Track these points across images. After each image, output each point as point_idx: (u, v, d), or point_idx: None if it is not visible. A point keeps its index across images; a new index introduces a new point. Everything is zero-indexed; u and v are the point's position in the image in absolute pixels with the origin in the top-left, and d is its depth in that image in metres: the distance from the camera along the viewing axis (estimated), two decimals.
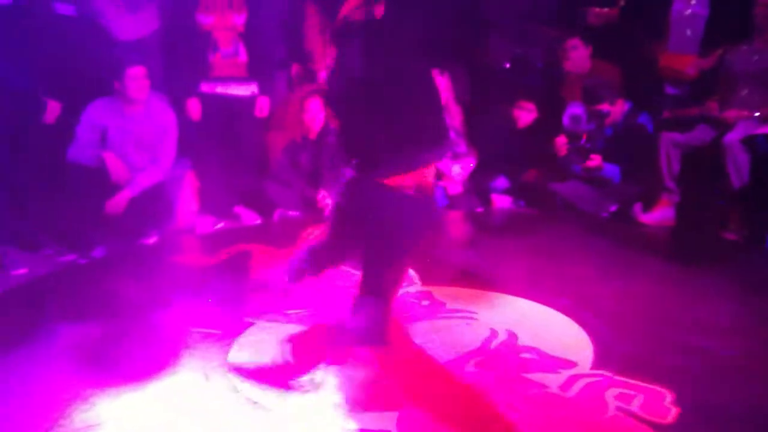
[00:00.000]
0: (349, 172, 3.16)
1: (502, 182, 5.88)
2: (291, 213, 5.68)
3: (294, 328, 3.59)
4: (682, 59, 5.54)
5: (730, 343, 3.38)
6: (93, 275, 4.69)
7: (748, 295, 3.98)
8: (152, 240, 5.18)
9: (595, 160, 5.40)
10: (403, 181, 3.05)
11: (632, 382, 2.96)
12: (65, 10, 5.09)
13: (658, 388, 2.90)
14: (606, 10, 5.90)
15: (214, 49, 5.35)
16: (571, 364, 3.14)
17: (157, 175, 5.13)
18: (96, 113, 5.00)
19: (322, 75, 5.83)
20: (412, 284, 4.16)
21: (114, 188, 4.96)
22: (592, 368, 3.12)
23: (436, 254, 4.91)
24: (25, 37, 4.73)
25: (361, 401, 2.87)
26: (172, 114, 5.24)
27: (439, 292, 4.03)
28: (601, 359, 3.19)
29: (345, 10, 3.09)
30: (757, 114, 4.94)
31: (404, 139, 3.04)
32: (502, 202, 5.83)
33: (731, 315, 3.74)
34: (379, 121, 3.03)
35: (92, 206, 4.91)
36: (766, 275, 4.37)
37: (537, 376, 3.03)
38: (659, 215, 5.25)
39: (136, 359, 3.30)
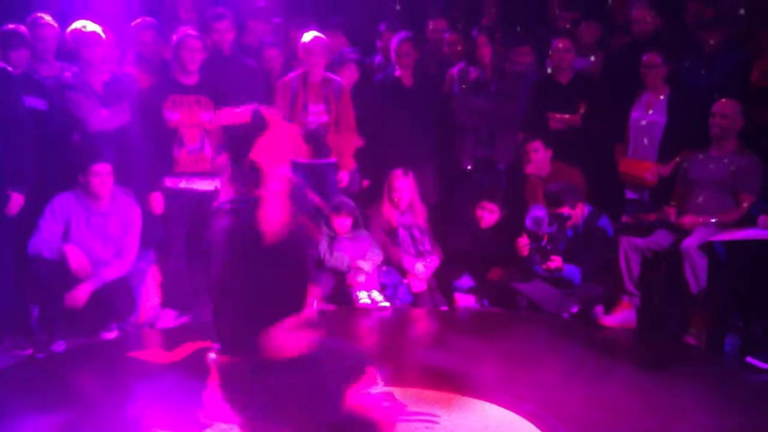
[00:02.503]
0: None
1: (466, 281, 5.91)
2: None
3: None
4: (641, 165, 5.69)
5: None
6: (52, 370, 4.63)
7: (711, 402, 4.01)
8: (113, 334, 5.11)
9: (555, 261, 5.46)
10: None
11: None
12: (35, 103, 5.12)
13: None
14: (567, 116, 6.06)
15: (180, 145, 5.39)
16: None
17: (121, 268, 5.09)
18: (60, 206, 4.99)
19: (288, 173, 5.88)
20: (373, 384, 4.12)
21: (75, 281, 4.91)
22: None
23: (399, 353, 4.91)
24: None
25: None
26: (137, 208, 5.24)
27: (401, 393, 3.99)
28: None
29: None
30: (713, 220, 5.06)
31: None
32: (465, 300, 5.85)
33: (697, 425, 3.76)
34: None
35: (53, 299, 4.86)
36: (727, 381, 4.41)
37: None
38: (620, 318, 5.30)
39: None
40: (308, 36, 5.83)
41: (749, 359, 4.46)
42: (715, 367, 4.66)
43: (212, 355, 3.01)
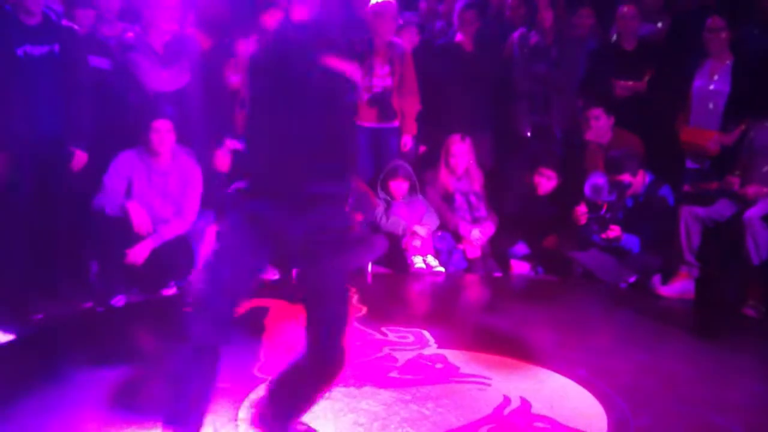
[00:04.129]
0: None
1: (521, 248, 5.88)
2: None
3: None
4: (703, 134, 5.55)
5: (749, 421, 3.36)
6: (111, 323, 4.75)
7: (765, 372, 3.95)
8: (172, 291, 5.22)
9: (614, 231, 5.39)
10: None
11: None
12: (99, 62, 5.22)
13: None
14: (632, 83, 5.95)
15: (241, 106, 5.43)
16: None
17: (181, 227, 5.18)
18: (123, 164, 5.09)
19: None
20: (426, 346, 4.16)
21: (137, 238, 5.01)
22: None
23: (453, 317, 4.94)
24: (58, 87, 4.83)
25: None
26: (197, 167, 5.32)
27: (454, 355, 4.02)
28: None
29: None
30: None
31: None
32: (520, 268, 5.82)
33: (750, 393, 3.73)
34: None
35: (114, 255, 4.97)
36: None
37: None
38: (678, 288, 5.22)
39: (149, 409, 3.30)
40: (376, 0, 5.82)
41: None
42: None
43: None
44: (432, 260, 5.74)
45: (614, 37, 6.25)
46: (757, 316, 4.82)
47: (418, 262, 5.72)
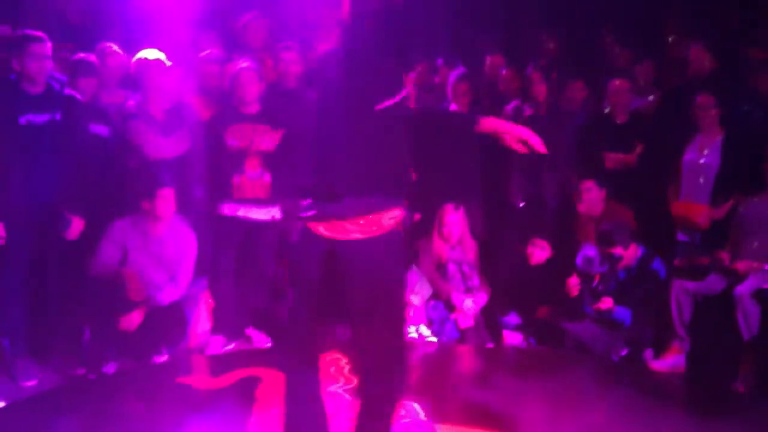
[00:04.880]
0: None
1: (513, 318, 5.90)
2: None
3: None
4: (693, 208, 5.63)
5: None
6: (102, 391, 4.75)
7: None
8: (164, 358, 5.22)
9: (606, 303, 5.43)
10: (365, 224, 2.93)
11: None
12: (99, 130, 5.30)
13: None
14: (623, 156, 6.06)
15: (240, 172, 5.50)
16: None
17: (174, 294, 5.21)
18: (119, 231, 5.15)
19: None
20: (416, 419, 4.15)
21: (130, 304, 5.03)
22: None
23: (444, 389, 4.92)
24: (57, 154, 4.91)
25: None
26: (192, 234, 5.37)
27: (444, 429, 4.01)
28: None
29: None
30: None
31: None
32: (513, 338, 5.83)
33: None
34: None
35: (107, 321, 4.99)
36: None
37: None
38: (670, 362, 5.23)
39: None
40: None
41: None
42: (762, 416, 4.55)
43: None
44: (424, 330, 5.75)
45: (606, 110, 6.37)
46: (747, 391, 4.82)
47: (410, 331, 5.73)
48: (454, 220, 5.98)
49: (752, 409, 4.67)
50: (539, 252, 5.93)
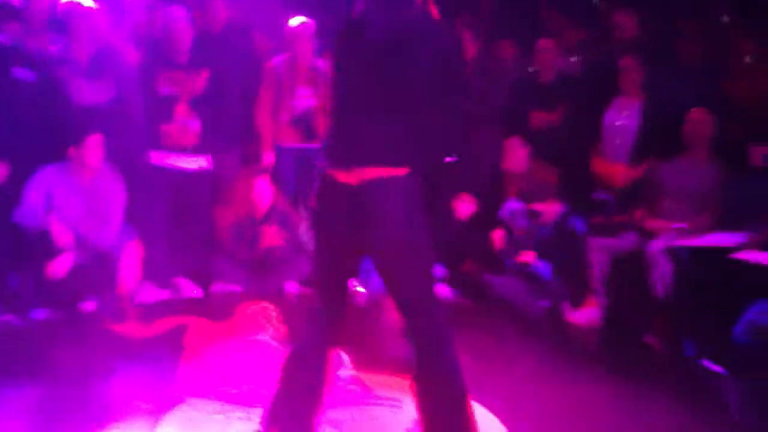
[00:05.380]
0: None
1: (439, 271, 6.06)
2: (231, 287, 5.77)
3: (224, 408, 3.66)
4: (612, 168, 5.84)
5: None
6: (30, 337, 4.76)
7: (666, 401, 4.15)
8: (92, 306, 5.22)
9: (528, 256, 5.63)
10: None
11: None
12: (24, 75, 5.20)
13: None
14: (547, 114, 6.22)
15: (168, 119, 5.48)
16: None
17: (103, 241, 5.21)
18: (44, 178, 5.10)
19: (268, 156, 6.00)
20: (342, 367, 4.26)
21: (57, 251, 5.01)
22: None
23: (370, 339, 5.05)
24: None
25: None
26: (121, 182, 5.35)
27: (369, 377, 4.14)
28: None
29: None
30: (679, 226, 5.22)
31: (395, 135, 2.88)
32: (439, 290, 5.99)
33: (652, 423, 3.91)
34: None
35: (34, 268, 4.97)
36: (682, 382, 4.57)
37: None
38: (586, 316, 5.46)
39: (65, 427, 3.40)
40: (295, 21, 5.93)
41: (705, 362, 4.63)
42: (673, 368, 4.81)
43: None
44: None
45: (532, 70, 6.51)
46: (658, 345, 5.08)
47: None
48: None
49: (662, 361, 4.90)
50: (465, 206, 6.08)
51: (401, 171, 2.81)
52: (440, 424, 2.90)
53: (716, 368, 4.57)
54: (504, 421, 3.69)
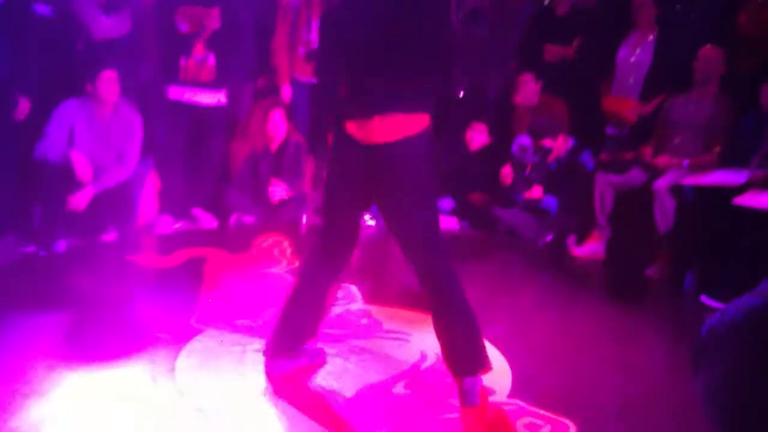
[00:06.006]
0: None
1: (447, 203, 6.18)
2: (247, 219, 5.93)
3: (242, 339, 3.86)
4: (623, 103, 5.89)
5: (644, 381, 3.68)
6: (52, 268, 4.93)
7: (668, 334, 4.32)
8: (112, 236, 5.40)
9: (536, 191, 5.74)
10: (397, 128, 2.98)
11: (542, 413, 3.25)
12: (43, 10, 5.27)
13: (565, 421, 3.21)
14: (561, 48, 6.24)
15: (186, 55, 5.56)
16: (490, 391, 3.40)
17: (121, 174, 5.35)
18: (65, 113, 5.22)
19: (286, 90, 6.08)
20: (353, 301, 4.45)
21: (78, 185, 5.17)
22: (508, 397, 3.42)
23: (380, 272, 5.22)
24: (2, 36, 4.91)
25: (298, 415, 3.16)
26: (138, 116, 5.46)
27: (379, 311, 4.32)
28: (519, 389, 3.45)
29: None
30: (685, 163, 5.31)
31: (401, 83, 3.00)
32: (447, 222, 6.13)
33: (648, 353, 4.07)
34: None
35: (56, 201, 5.13)
36: (681, 315, 4.73)
37: (457, 401, 3.32)
38: (590, 249, 5.61)
39: (87, 356, 3.51)
40: None
41: (703, 298, 4.78)
42: (672, 301, 4.97)
43: None
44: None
45: (546, 2, 6.50)
46: (659, 278, 5.22)
47: None
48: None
49: (663, 294, 5.07)
50: (478, 136, 6.16)
51: (414, 122, 2.95)
52: (456, 354, 3.09)
53: (713, 303, 4.73)
54: (504, 351, 3.82)
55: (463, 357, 3.10)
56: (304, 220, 5.89)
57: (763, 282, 1.74)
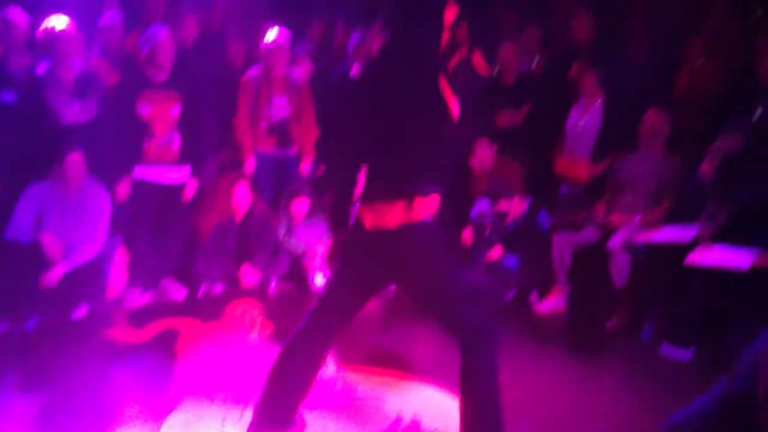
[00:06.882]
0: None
1: None
2: (216, 287, 6.03)
3: (220, 409, 3.92)
4: (576, 164, 6.16)
5: (614, 428, 3.88)
6: (25, 346, 4.93)
7: (626, 384, 4.52)
8: (82, 312, 5.44)
9: (496, 252, 5.93)
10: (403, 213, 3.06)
11: None
12: (7, 97, 5.42)
13: None
14: (511, 114, 6.52)
15: (150, 137, 5.72)
16: None
17: (91, 252, 5.43)
18: (34, 195, 5.33)
19: (250, 162, 6.26)
20: (326, 366, 4.53)
21: (49, 263, 5.24)
22: None
23: (351, 334, 5.31)
24: None
25: None
26: (106, 195, 5.58)
27: (351, 375, 4.42)
28: None
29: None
30: (637, 220, 5.56)
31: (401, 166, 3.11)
32: None
33: (613, 402, 4.26)
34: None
35: (27, 280, 5.18)
36: (641, 365, 4.90)
37: None
38: (552, 304, 5.81)
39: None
40: (271, 35, 6.17)
41: (662, 346, 4.99)
42: (632, 352, 5.13)
43: None
44: None
45: (496, 72, 6.81)
46: (617, 332, 5.41)
47: (318, 279, 6.13)
48: (359, 176, 6.32)
49: (621, 347, 5.23)
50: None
51: (424, 205, 3.06)
52: (472, 419, 3.15)
53: (671, 351, 4.92)
54: None
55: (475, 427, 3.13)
56: (273, 286, 6.01)
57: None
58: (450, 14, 3.20)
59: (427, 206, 3.06)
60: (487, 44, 6.91)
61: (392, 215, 3.03)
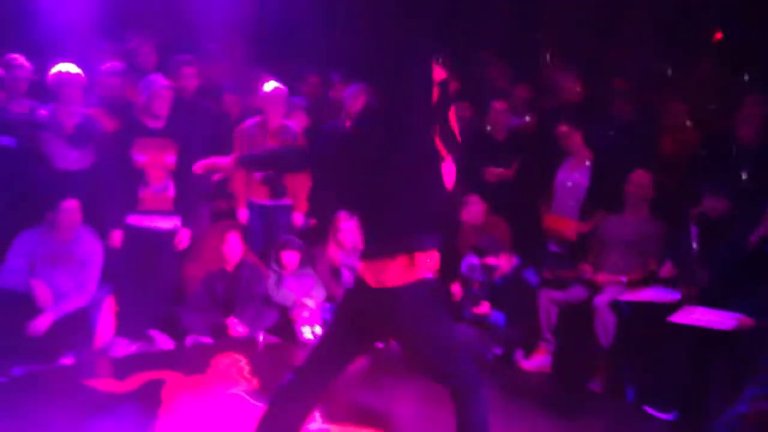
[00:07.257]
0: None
1: None
2: (203, 339, 6.04)
3: None
4: (563, 221, 6.23)
5: None
6: (10, 393, 4.94)
7: None
8: (69, 361, 5.45)
9: (484, 307, 5.98)
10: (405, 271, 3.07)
11: None
12: (5, 141, 5.48)
13: None
14: (501, 170, 6.62)
15: (145, 185, 5.78)
16: None
17: (81, 300, 5.48)
18: (26, 242, 5.37)
19: (243, 212, 6.32)
20: (311, 421, 4.54)
21: (38, 310, 5.27)
22: None
23: (338, 390, 5.32)
24: None
25: None
26: (98, 243, 5.62)
27: (337, 431, 4.43)
28: None
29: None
30: (623, 279, 5.62)
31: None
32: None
33: None
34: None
35: (15, 327, 5.20)
36: (624, 426, 4.93)
37: None
38: (538, 362, 5.82)
39: None
40: (269, 86, 6.29)
41: (645, 407, 5.01)
42: (615, 413, 5.15)
43: None
44: (320, 331, 6.15)
45: (488, 128, 6.92)
46: (601, 391, 5.43)
47: (306, 332, 6.15)
48: (349, 227, 6.39)
49: (605, 407, 5.26)
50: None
51: (421, 266, 3.10)
52: None
53: (654, 413, 4.95)
54: None
55: None
56: (260, 338, 6.03)
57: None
58: (439, 71, 3.24)
59: (427, 263, 3.12)
60: (478, 100, 7.03)
61: (393, 272, 3.05)
